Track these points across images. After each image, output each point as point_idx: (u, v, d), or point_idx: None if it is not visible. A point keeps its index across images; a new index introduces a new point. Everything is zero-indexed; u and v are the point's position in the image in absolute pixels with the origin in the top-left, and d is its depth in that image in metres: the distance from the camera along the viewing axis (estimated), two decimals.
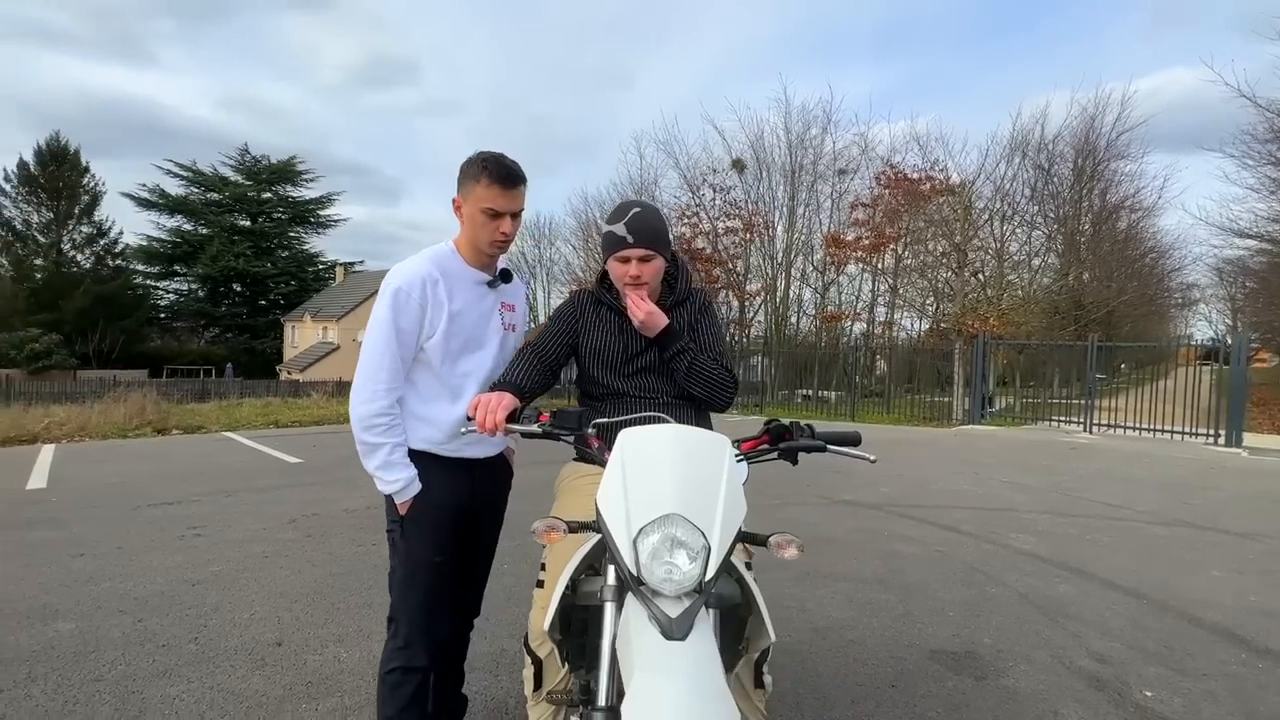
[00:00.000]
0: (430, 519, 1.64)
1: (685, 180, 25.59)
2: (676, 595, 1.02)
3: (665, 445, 1.17)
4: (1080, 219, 22.26)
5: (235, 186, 39.05)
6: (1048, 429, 12.77)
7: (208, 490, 5.76)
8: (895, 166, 20.31)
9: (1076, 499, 5.76)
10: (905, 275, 21.19)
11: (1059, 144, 20.35)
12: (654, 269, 1.63)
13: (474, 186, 1.60)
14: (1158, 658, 2.62)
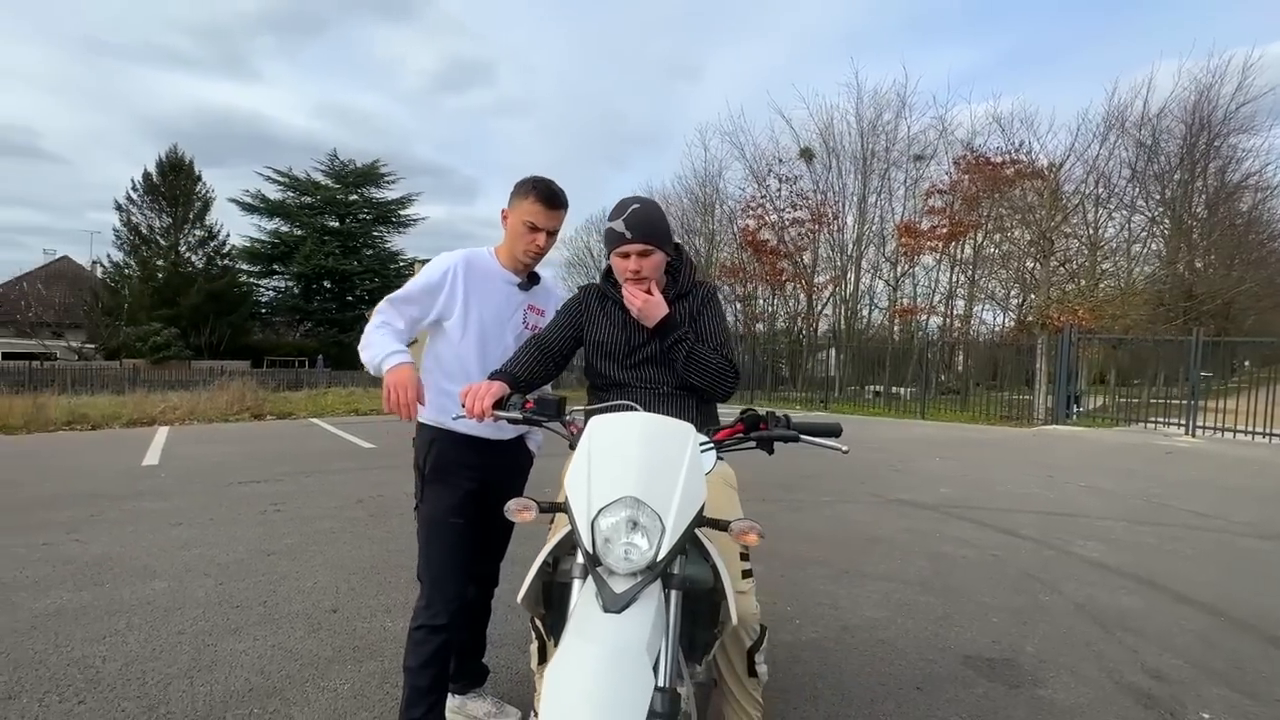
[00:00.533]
0: (448, 484, 1.81)
1: (751, 171, 25.15)
2: (630, 574, 1.07)
3: (630, 432, 1.21)
4: (1191, 200, 20.19)
5: (325, 190, 41.76)
6: (1143, 431, 11.75)
7: (290, 471, 6.28)
8: (975, 150, 19.13)
9: (1162, 506, 5.31)
10: (985, 265, 19.97)
11: (1165, 119, 18.52)
12: (653, 263, 1.67)
13: (521, 201, 1.84)
14: (1225, 679, 2.41)
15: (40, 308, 27.05)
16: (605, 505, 1.11)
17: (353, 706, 2.10)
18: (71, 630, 2.62)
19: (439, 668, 1.76)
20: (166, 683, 2.22)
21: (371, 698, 2.16)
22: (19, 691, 2.15)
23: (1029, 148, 18.17)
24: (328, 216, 42.12)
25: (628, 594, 1.04)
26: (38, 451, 7.60)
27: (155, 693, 2.16)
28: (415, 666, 1.74)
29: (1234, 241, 20.57)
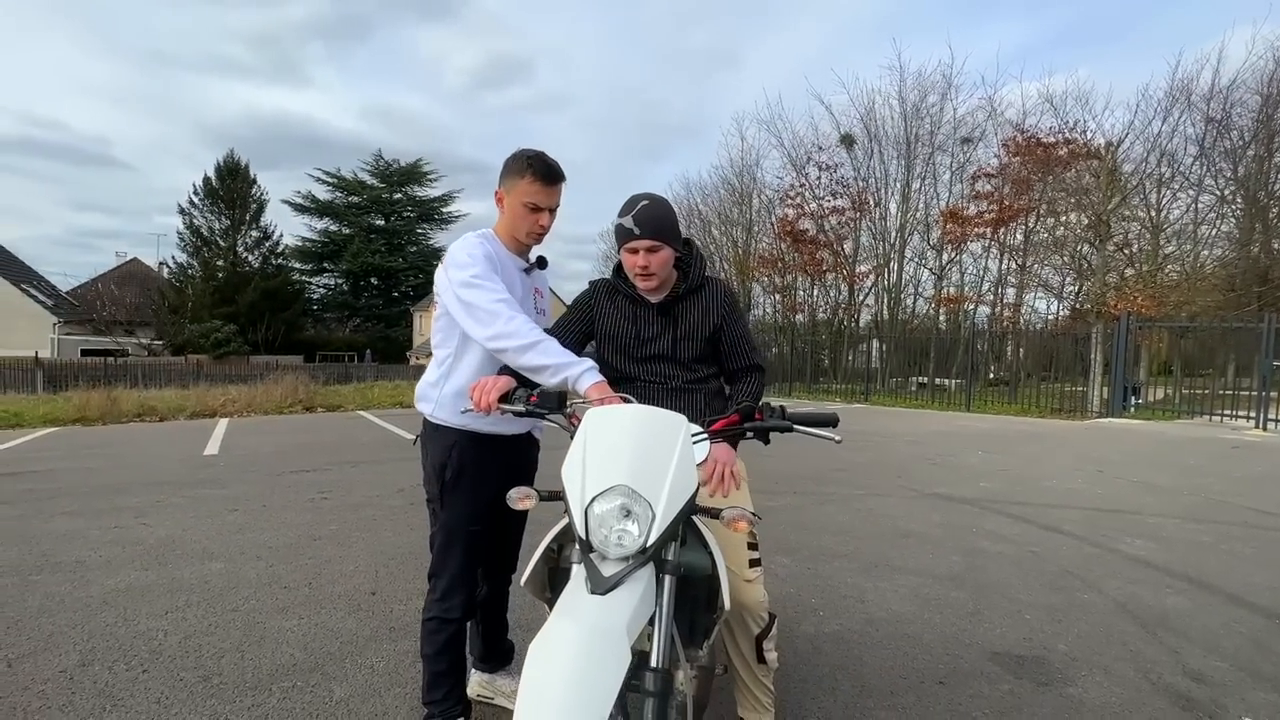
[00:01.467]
0: (470, 493, 1.82)
1: (790, 159, 24.77)
2: (622, 559, 1.12)
3: (624, 423, 1.25)
4: (1268, 178, 18.83)
5: (371, 189, 43.14)
6: (1209, 424, 11.11)
7: (338, 461, 6.58)
8: (1026, 131, 18.30)
9: (1221, 504, 5.04)
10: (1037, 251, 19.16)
11: (1237, 90, 17.31)
12: (661, 259, 1.70)
13: (518, 182, 1.76)
14: (1274, 684, 2.30)
15: (114, 307, 28.83)
16: (598, 493, 1.15)
17: (387, 683, 2.22)
18: (138, 606, 2.84)
19: (455, 653, 1.83)
20: (220, 655, 2.40)
21: (404, 675, 2.28)
22: (91, 660, 2.36)
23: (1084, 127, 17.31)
24: (374, 215, 43.54)
25: (614, 577, 1.09)
26: (111, 441, 8.17)
27: (210, 664, 2.33)
28: (432, 654, 1.81)
29: None
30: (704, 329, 1.80)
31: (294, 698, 2.12)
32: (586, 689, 0.94)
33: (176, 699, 2.10)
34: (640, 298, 1.80)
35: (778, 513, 4.54)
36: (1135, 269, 16.10)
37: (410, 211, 44.64)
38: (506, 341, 1.59)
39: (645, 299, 1.80)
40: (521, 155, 1.78)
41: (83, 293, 32.47)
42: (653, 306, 1.80)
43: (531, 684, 0.96)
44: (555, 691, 0.94)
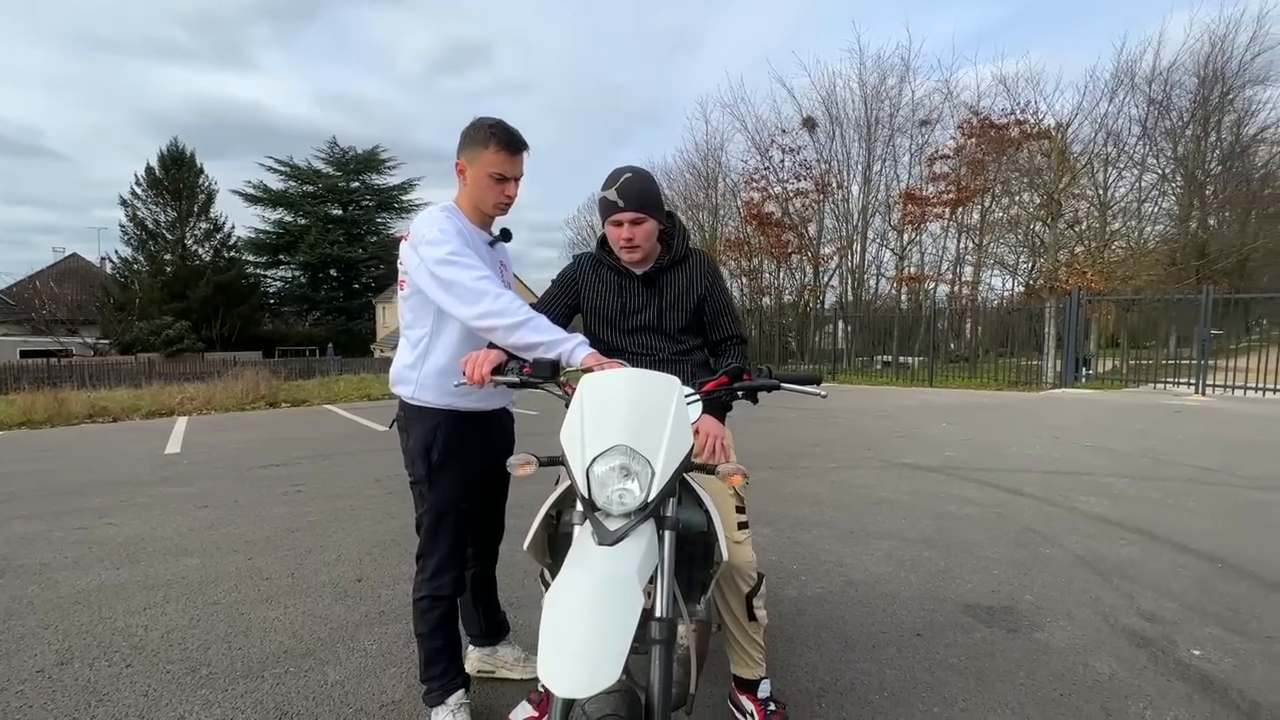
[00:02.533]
0: (458, 472, 1.82)
1: (753, 143, 24.86)
2: (624, 515, 1.16)
3: (619, 386, 1.29)
4: (1205, 156, 19.77)
5: (327, 178, 41.75)
6: (1154, 392, 11.73)
7: (308, 454, 6.44)
8: (980, 113, 18.78)
9: (1166, 463, 5.36)
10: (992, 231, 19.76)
11: (1176, 72, 18.08)
12: (645, 231, 1.73)
13: (481, 152, 1.71)
14: (1217, 619, 2.49)
15: (54, 305, 27.39)
16: (598, 454, 1.19)
17: (381, 664, 2.23)
18: (113, 604, 2.77)
19: (449, 629, 1.85)
20: (206, 647, 2.36)
21: (398, 655, 2.29)
22: (70, 658, 2.29)
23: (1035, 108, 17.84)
24: (330, 205, 42.19)
25: (620, 530, 1.13)
26: (63, 444, 7.82)
27: (197, 656, 2.30)
28: (427, 631, 1.82)
29: (1248, 197, 20.18)
30: (689, 300, 1.84)
31: (287, 683, 2.12)
32: (605, 630, 0.98)
33: (164, 690, 2.07)
34: (625, 269, 1.83)
35: (756, 486, 4.64)
36: (1084, 246, 16.77)
37: (369, 200, 43.40)
38: (496, 320, 1.58)
39: (630, 270, 1.83)
40: (483, 124, 1.73)
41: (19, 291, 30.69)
42: (638, 278, 1.83)
43: (552, 630, 0.99)
44: (576, 635, 0.98)
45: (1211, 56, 18.25)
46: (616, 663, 0.95)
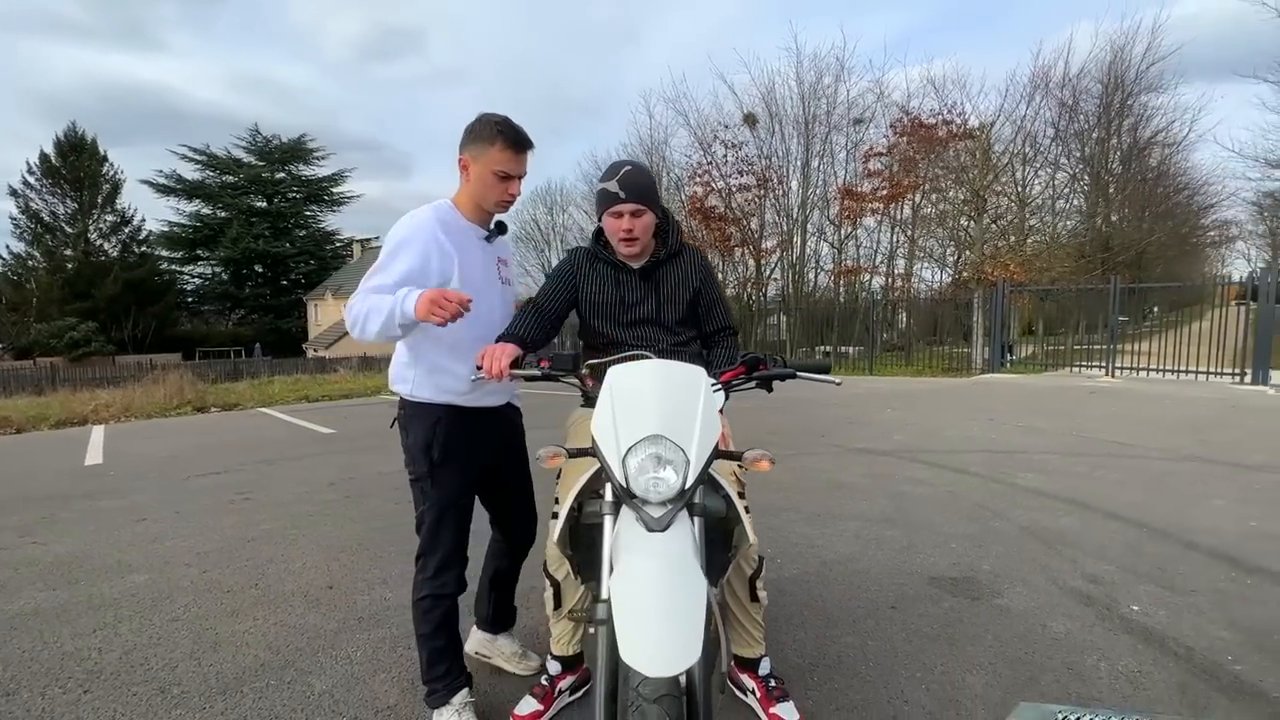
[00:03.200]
0: (459, 467, 1.80)
1: (696, 138, 25.12)
2: (661, 502, 1.18)
3: (648, 377, 1.31)
4: (1108, 157, 21.43)
5: (249, 168, 39.34)
6: (1069, 375, 12.67)
7: (250, 460, 6.10)
8: (911, 113, 19.68)
9: (1089, 440, 5.83)
10: (923, 225, 20.77)
11: (1084, 79, 19.49)
12: (644, 223, 1.75)
13: (487, 149, 1.69)
14: (1150, 578, 2.76)
15: None
16: (633, 444, 1.21)
17: (369, 670, 2.17)
18: (56, 628, 2.56)
19: (452, 628, 1.83)
20: (173, 665, 2.22)
21: (385, 660, 2.23)
22: (17, 688, 2.11)
23: (961, 109, 18.84)
24: (254, 196, 39.82)
25: (668, 515, 1.15)
26: None
27: (163, 675, 2.16)
28: (429, 632, 1.79)
29: (1145, 195, 22.03)
30: (685, 292, 1.87)
31: (270, 696, 2.03)
32: (681, 613, 1.01)
33: (133, 714, 1.95)
34: (622, 264, 1.84)
35: None
36: (1006, 240, 17.87)
37: (296, 192, 41.19)
38: (354, 330, 1.61)
39: (627, 265, 1.85)
40: (489, 120, 1.71)
41: None
42: (635, 272, 1.85)
43: (629, 615, 1.01)
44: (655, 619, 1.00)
45: (1113, 65, 19.79)
46: (696, 643, 0.98)
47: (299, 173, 41.19)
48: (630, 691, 1.06)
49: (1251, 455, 5.08)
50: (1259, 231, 31.50)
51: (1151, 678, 2.01)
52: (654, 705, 1.02)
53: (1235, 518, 3.53)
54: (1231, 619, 2.38)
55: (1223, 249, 33.56)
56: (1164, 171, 23.02)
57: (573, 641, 1.92)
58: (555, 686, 1.91)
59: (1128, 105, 20.53)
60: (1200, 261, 32.27)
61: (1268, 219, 28.95)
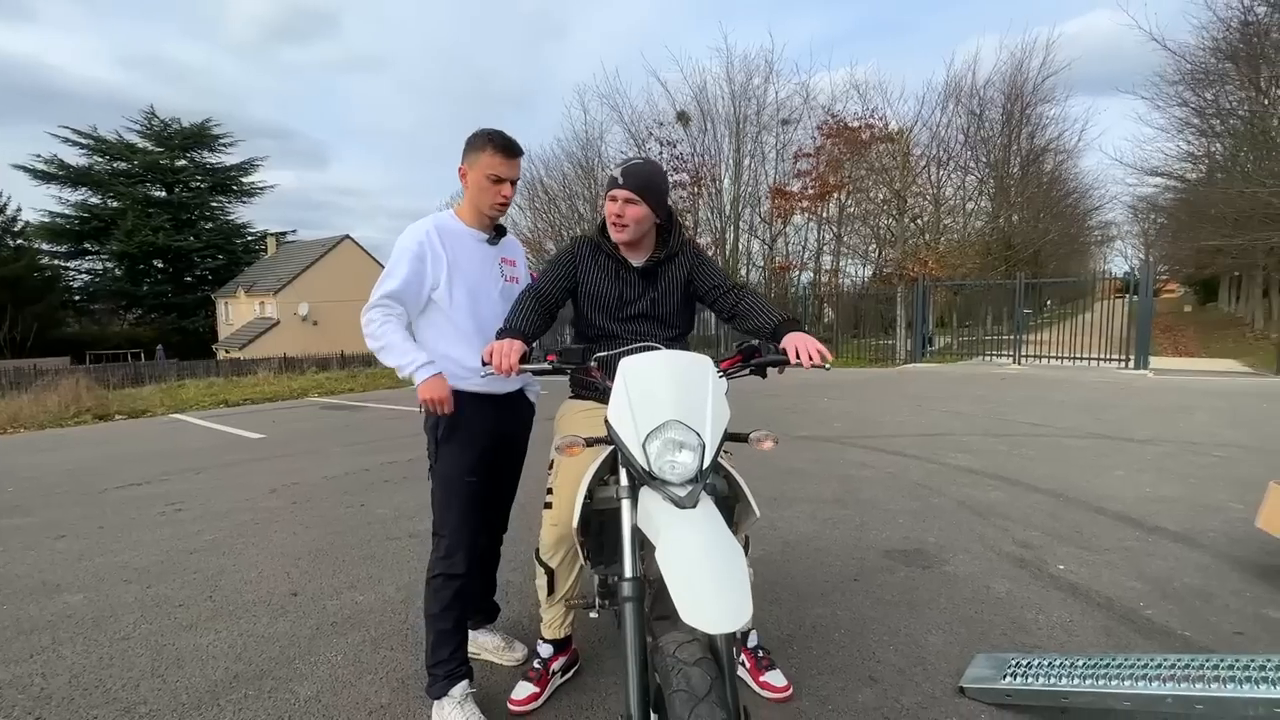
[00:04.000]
0: (461, 444, 1.87)
1: (630, 134, 25.25)
2: (681, 483, 1.26)
3: (660, 367, 1.39)
4: (1010, 163, 23.25)
5: (145, 154, 36.07)
6: (981, 363, 13.71)
7: (174, 470, 5.69)
8: (836, 115, 20.61)
9: (1006, 421, 6.38)
10: (849, 223, 21.81)
11: (989, 89, 21.07)
12: (636, 214, 1.80)
13: (480, 155, 1.85)
14: (1070, 540, 3.10)
15: None
16: (652, 429, 1.28)
17: (354, 673, 2.13)
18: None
19: (460, 610, 1.86)
20: (134, 684, 2.10)
21: (370, 662, 2.19)
22: None
23: (883, 114, 19.93)
24: (151, 185, 36.60)
25: (695, 493, 1.23)
26: None
27: (125, 695, 2.03)
28: (438, 612, 1.83)
29: (1041, 198, 24.06)
30: (678, 286, 1.95)
31: (251, 707, 1.96)
32: (731, 577, 1.09)
33: None
34: (624, 260, 1.90)
35: None
36: (923, 238, 19.08)
37: (200, 181, 38.12)
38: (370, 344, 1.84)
39: (628, 261, 1.90)
40: (482, 132, 1.88)
41: None
42: (635, 270, 1.91)
43: (683, 583, 1.08)
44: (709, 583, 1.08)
45: (1013, 77, 21.50)
46: (748, 602, 1.06)
47: (203, 160, 38.17)
48: (669, 659, 1.13)
49: (1139, 431, 5.73)
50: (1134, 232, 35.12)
51: (1081, 625, 2.29)
52: (695, 668, 1.09)
53: (1132, 485, 4.00)
54: (1139, 572, 2.72)
55: (1105, 247, 37.20)
56: (1057, 177, 25.22)
57: (564, 625, 1.97)
58: (549, 669, 1.95)
59: (1026, 115, 22.35)
60: (1087, 259, 35.57)
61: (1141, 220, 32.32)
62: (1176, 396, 7.92)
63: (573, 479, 1.80)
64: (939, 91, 20.03)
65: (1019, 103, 21.79)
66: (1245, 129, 16.26)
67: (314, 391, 13.19)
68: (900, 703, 1.87)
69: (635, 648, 1.23)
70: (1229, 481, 4.01)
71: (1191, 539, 3.07)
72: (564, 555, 1.88)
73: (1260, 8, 13.60)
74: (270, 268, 35.21)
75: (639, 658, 1.22)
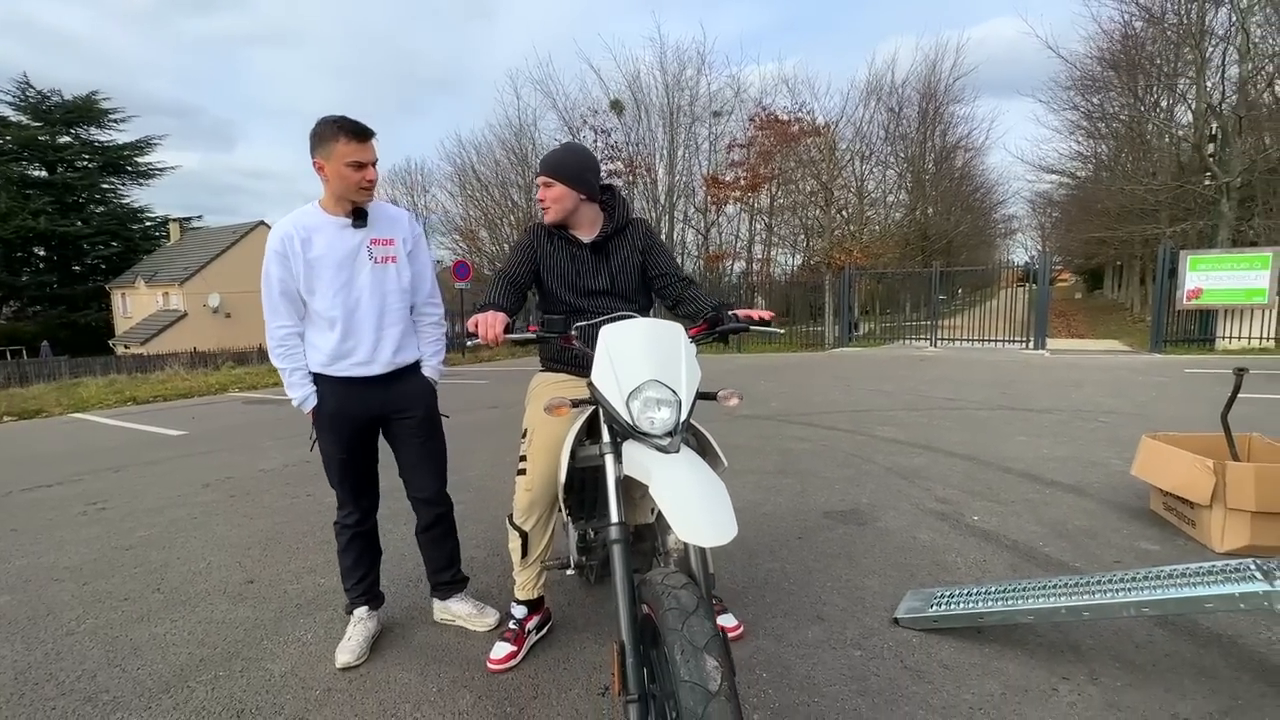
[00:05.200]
0: (328, 425, 2.06)
1: (565, 122, 25.02)
2: (662, 434, 1.41)
3: (638, 332, 1.53)
4: (925, 158, 24.72)
5: (20, 129, 32.46)
6: (902, 346, 14.64)
7: (87, 469, 5.33)
8: (766, 109, 21.22)
9: (925, 397, 6.92)
10: (779, 214, 22.55)
11: (906, 88, 22.28)
12: (554, 194, 1.96)
13: (334, 146, 1.88)
14: (982, 496, 3.48)
15: None
16: (633, 389, 1.41)
17: (326, 648, 2.15)
18: None
19: (357, 551, 2.17)
20: (91, 675, 2.04)
21: (341, 635, 2.21)
22: None
23: (810, 108, 20.69)
24: (28, 164, 33.03)
25: (676, 442, 1.38)
26: None
27: (83, 686, 1.98)
28: (340, 551, 2.19)
29: (953, 192, 25.75)
30: (634, 262, 2.08)
31: (224, 686, 1.96)
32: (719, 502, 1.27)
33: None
34: (575, 239, 2.02)
35: None
36: (848, 229, 20.04)
37: (89, 161, 34.67)
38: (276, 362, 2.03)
39: (579, 239, 2.02)
40: (328, 120, 1.89)
41: None
42: (586, 246, 2.03)
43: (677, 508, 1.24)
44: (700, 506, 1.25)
45: (928, 77, 22.84)
46: (733, 522, 1.23)
47: (90, 138, 34.75)
48: (658, 587, 1.27)
49: (1038, 402, 6.38)
50: (1033, 224, 38.14)
51: (993, 563, 2.61)
52: (682, 591, 1.24)
53: (1032, 448, 4.49)
54: (1038, 518, 3.11)
55: (1009, 239, 40.25)
56: (967, 172, 27.05)
57: (537, 587, 2.09)
58: (524, 628, 2.06)
59: (939, 114, 23.82)
60: (994, 249, 38.40)
61: (1039, 214, 35.17)
62: (1068, 372, 8.81)
63: (547, 445, 1.91)
64: (861, 89, 21.04)
65: (933, 102, 23.20)
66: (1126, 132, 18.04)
67: (234, 387, 12.45)
68: (844, 635, 2.11)
69: (624, 581, 1.37)
70: (1110, 441, 4.58)
71: (1080, 490, 3.52)
72: (537, 519, 1.98)
73: (1137, 22, 15.09)
74: (175, 256, 32.63)
75: (628, 591, 1.36)
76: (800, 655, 2.01)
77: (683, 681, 1.08)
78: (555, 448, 1.84)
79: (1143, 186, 16.17)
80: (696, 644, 1.12)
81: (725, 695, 1.07)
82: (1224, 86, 14.24)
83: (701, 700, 1.05)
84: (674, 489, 1.28)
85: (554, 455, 1.84)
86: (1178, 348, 11.45)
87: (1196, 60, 13.99)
